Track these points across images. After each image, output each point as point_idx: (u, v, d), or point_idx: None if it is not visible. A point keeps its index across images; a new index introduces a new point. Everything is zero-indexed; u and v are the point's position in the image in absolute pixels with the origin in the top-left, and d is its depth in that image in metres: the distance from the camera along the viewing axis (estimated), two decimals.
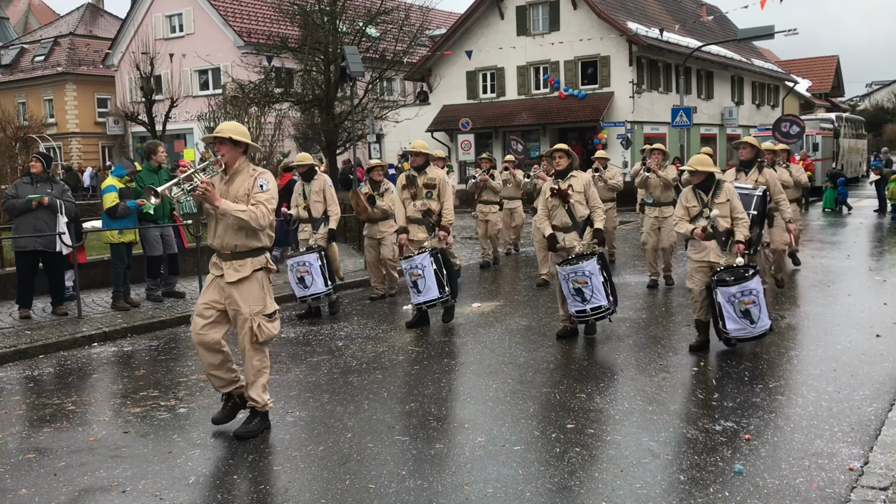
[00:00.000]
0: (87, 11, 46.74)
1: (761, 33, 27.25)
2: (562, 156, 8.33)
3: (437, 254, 8.98)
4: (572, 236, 8.25)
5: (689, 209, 7.66)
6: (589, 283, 7.79)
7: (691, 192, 7.70)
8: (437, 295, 8.90)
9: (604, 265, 7.98)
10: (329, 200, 10.02)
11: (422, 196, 9.18)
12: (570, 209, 8.24)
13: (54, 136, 39.70)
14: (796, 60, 56.13)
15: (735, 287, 7.16)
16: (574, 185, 8.26)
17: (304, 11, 24.13)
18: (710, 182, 7.64)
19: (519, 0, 33.57)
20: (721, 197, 7.55)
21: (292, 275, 9.76)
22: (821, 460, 4.94)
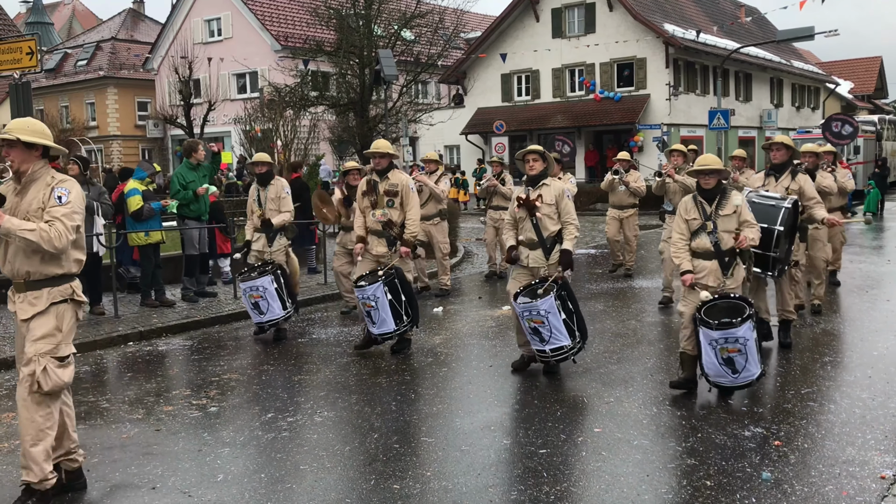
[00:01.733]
0: (129, 16, 47.59)
1: (801, 34, 26.80)
2: (536, 158, 7.10)
3: (393, 279, 7.81)
4: (538, 255, 7.08)
5: (689, 223, 6.52)
6: (546, 322, 6.72)
7: (692, 201, 6.55)
8: (393, 327, 7.80)
9: (568, 296, 6.92)
10: (284, 206, 8.95)
11: (383, 204, 7.99)
12: (538, 223, 7.05)
13: (95, 139, 40.45)
14: (838, 62, 55.15)
15: (718, 333, 6.02)
16: (544, 195, 7.03)
17: (340, 15, 24.30)
18: (717, 189, 6.50)
19: (554, 2, 33.47)
20: (727, 208, 6.42)
21: (246, 300, 8.81)
22: (852, 468, 4.86)
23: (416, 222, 8.06)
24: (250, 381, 7.25)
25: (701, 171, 6.52)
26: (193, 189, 10.46)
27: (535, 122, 33.32)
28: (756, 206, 7.02)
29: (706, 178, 6.49)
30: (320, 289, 11.85)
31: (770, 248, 6.97)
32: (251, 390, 6.96)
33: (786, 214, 7.06)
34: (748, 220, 6.45)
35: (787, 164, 7.90)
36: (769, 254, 6.99)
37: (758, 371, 6.14)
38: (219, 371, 7.63)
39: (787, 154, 7.93)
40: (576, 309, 6.99)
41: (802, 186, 7.75)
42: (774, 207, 7.11)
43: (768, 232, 6.91)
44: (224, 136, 35.13)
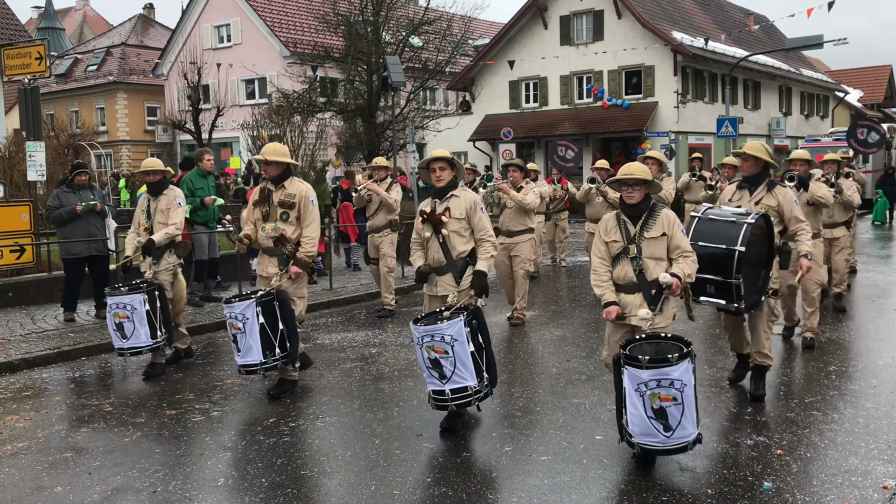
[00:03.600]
0: (139, 22, 47.86)
1: (810, 43, 26.80)
2: (443, 167, 6.05)
3: (271, 301, 6.59)
4: (446, 280, 6.02)
5: (609, 246, 5.43)
6: (450, 353, 5.48)
7: (614, 220, 5.44)
8: (260, 359, 6.51)
9: (480, 328, 5.74)
10: (172, 217, 7.79)
11: (275, 217, 6.87)
12: (445, 242, 6.01)
13: (105, 143, 40.63)
14: (847, 70, 55.01)
15: (649, 373, 4.68)
16: (452, 208, 6.00)
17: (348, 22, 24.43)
18: (643, 206, 5.36)
19: (562, 10, 33.50)
20: (654, 229, 5.29)
21: (109, 318, 7.51)
22: (854, 478, 4.84)
23: (314, 240, 6.91)
24: (253, 386, 7.26)
25: (623, 182, 5.33)
26: (202, 196, 10.54)
27: (543, 129, 33.33)
28: (711, 225, 5.97)
29: (629, 190, 5.31)
30: (325, 294, 11.87)
31: (731, 274, 5.75)
32: (254, 395, 6.98)
33: (749, 232, 5.80)
34: (681, 247, 5.29)
35: (762, 175, 6.54)
36: (730, 281, 5.78)
37: (694, 432, 4.79)
38: (222, 376, 7.64)
39: (756, 165, 6.52)
40: (486, 345, 5.80)
41: (781, 203, 6.40)
42: (734, 224, 5.88)
43: (727, 255, 5.76)
44: (232, 142, 35.28)
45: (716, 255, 5.80)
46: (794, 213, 6.43)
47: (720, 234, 5.87)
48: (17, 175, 14.70)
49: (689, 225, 6.08)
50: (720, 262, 5.76)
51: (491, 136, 33.94)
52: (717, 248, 5.79)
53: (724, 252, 5.77)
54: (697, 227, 6.02)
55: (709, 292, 5.96)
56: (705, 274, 5.76)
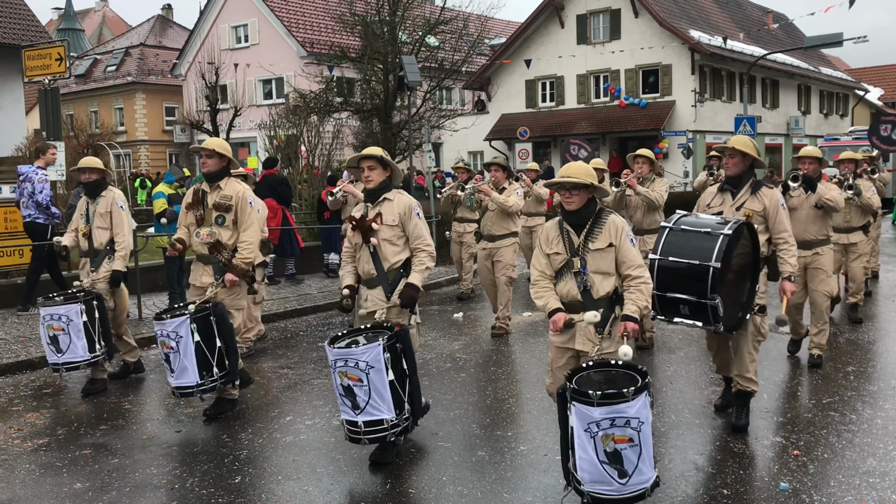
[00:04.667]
0: (157, 23, 48.21)
1: (829, 41, 26.57)
2: (372, 166, 5.42)
3: (208, 317, 6.01)
4: (376, 294, 5.44)
5: (550, 259, 4.73)
6: (364, 381, 4.88)
7: (556, 228, 4.75)
8: (196, 380, 5.94)
9: (404, 353, 5.06)
10: (116, 225, 7.16)
11: (210, 221, 6.27)
12: (376, 251, 5.41)
13: (123, 143, 40.95)
14: (867, 68, 54.51)
15: (601, 411, 3.94)
16: (384, 213, 5.39)
17: (365, 22, 24.48)
18: (587, 213, 4.65)
19: (579, 9, 33.43)
20: (600, 239, 4.60)
21: (43, 331, 6.84)
22: (872, 479, 4.81)
23: (253, 245, 6.31)
24: (270, 385, 7.30)
25: (561, 185, 4.61)
26: None
27: (560, 129, 33.29)
28: (683, 237, 5.28)
29: (567, 195, 4.59)
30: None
31: (706, 294, 5.04)
32: (271, 393, 7.02)
33: (726, 246, 5.09)
34: (629, 261, 4.57)
35: (746, 175, 5.77)
36: (705, 301, 5.06)
37: (652, 476, 4.10)
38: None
39: (743, 163, 5.76)
40: (412, 371, 5.13)
41: (767, 207, 5.64)
42: (709, 236, 5.15)
43: (700, 271, 5.07)
44: (250, 142, 35.45)
45: (688, 272, 5.11)
46: (779, 218, 5.65)
47: (693, 247, 5.16)
48: None
49: (660, 236, 5.37)
50: (693, 280, 5.06)
51: (507, 136, 33.93)
52: (690, 264, 5.09)
53: (697, 268, 5.07)
54: (668, 240, 5.30)
55: (682, 313, 5.23)
56: (677, 293, 5.15)
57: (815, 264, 7.25)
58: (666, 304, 5.23)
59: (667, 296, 5.17)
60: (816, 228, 7.25)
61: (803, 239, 7.02)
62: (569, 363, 4.72)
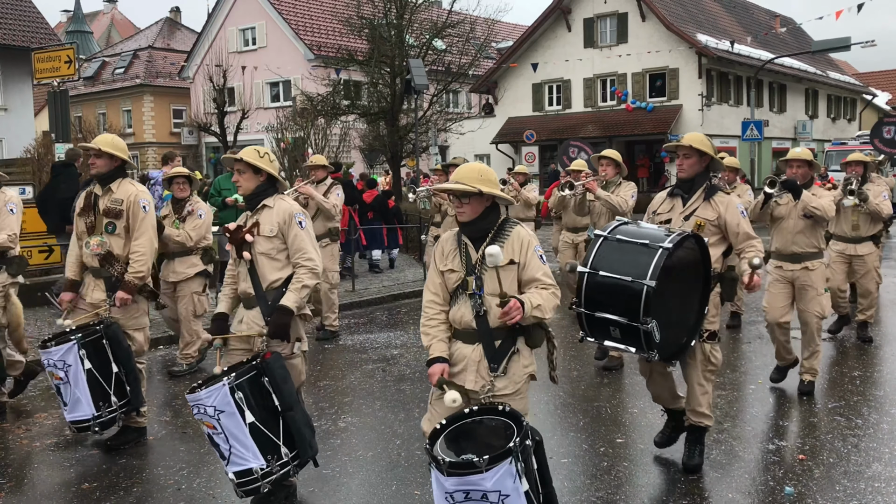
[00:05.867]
0: (166, 25, 48.37)
1: (837, 45, 26.52)
2: (242, 169, 4.72)
3: (99, 339, 5.35)
4: (254, 317, 4.69)
5: (445, 277, 3.99)
6: (218, 428, 4.23)
7: (452, 241, 4.01)
8: (92, 413, 5.30)
9: (273, 385, 4.35)
10: (3, 228, 6.36)
11: (100, 230, 5.58)
12: (254, 268, 4.69)
13: (131, 145, 41.08)
14: (876, 72, 54.38)
15: (453, 482, 3.34)
16: (262, 222, 4.70)
17: (372, 25, 24.54)
18: (485, 223, 3.90)
19: (586, 12, 33.44)
20: (502, 254, 3.73)
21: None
22: (877, 483, 4.81)
23: (146, 257, 5.56)
24: None
25: (452, 191, 3.88)
26: (226, 196, 10.68)
27: (566, 132, 33.28)
28: (618, 249, 4.54)
29: (458, 204, 3.89)
30: (348, 296, 11.94)
31: (638, 316, 4.34)
32: None
33: (664, 261, 4.34)
34: (538, 279, 3.85)
35: (701, 178, 5.10)
36: (636, 325, 4.35)
37: None
38: None
39: (700, 163, 5.07)
40: (287, 407, 4.36)
41: (722, 215, 4.99)
42: (646, 249, 4.43)
43: (633, 290, 4.33)
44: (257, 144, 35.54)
45: (620, 290, 4.40)
46: (741, 227, 4.97)
47: (628, 261, 4.45)
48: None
49: (591, 246, 4.67)
50: (625, 299, 4.37)
51: (514, 139, 33.95)
52: (621, 281, 4.38)
53: (629, 286, 4.35)
54: (600, 251, 4.57)
55: (613, 336, 4.53)
56: (607, 313, 4.45)
57: (804, 281, 6.48)
58: (595, 324, 4.55)
59: (595, 315, 4.49)
60: (805, 241, 6.46)
61: (791, 252, 6.49)
62: (450, 406, 3.81)
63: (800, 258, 6.49)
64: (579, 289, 4.53)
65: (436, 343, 3.98)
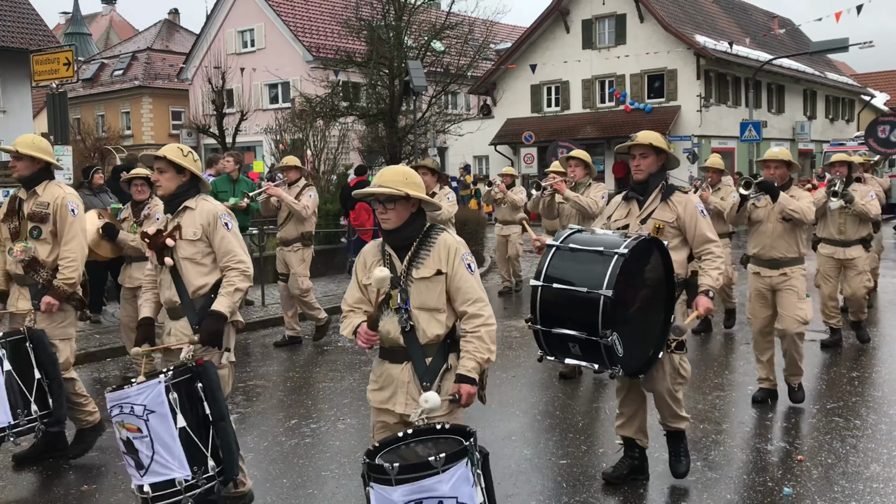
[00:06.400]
0: (164, 27, 48.40)
1: (835, 46, 26.57)
2: (162, 168, 4.44)
3: (21, 343, 5.01)
4: (181, 327, 4.38)
5: (367, 290, 3.69)
6: (144, 430, 3.81)
7: (376, 250, 3.74)
8: (9, 420, 4.85)
9: (207, 391, 3.99)
10: None
11: (25, 234, 5.26)
12: (177, 272, 4.38)
13: (130, 147, 41.04)
14: (873, 73, 54.43)
15: (403, 491, 3.00)
16: (184, 225, 4.39)
17: (371, 27, 24.57)
18: (411, 231, 3.61)
19: (585, 13, 33.49)
20: (427, 265, 3.57)
21: None
22: (875, 484, 4.82)
23: (78, 262, 5.26)
24: (275, 388, 7.34)
25: (376, 195, 3.55)
26: (223, 200, 10.71)
27: (565, 133, 33.30)
28: (571, 257, 4.27)
29: (381, 209, 3.56)
30: None
31: (596, 330, 4.05)
32: (276, 397, 7.06)
33: (619, 268, 4.06)
34: (464, 290, 3.55)
35: (656, 178, 4.77)
36: (595, 339, 4.08)
37: None
38: (245, 377, 7.73)
39: (656, 162, 4.75)
40: (218, 418, 4.01)
41: (681, 216, 4.67)
42: (601, 257, 4.14)
43: (589, 301, 4.07)
44: (256, 146, 35.55)
45: (576, 302, 4.11)
46: (699, 228, 4.66)
47: (582, 270, 4.16)
48: None
49: (544, 257, 4.35)
50: (582, 312, 4.08)
51: (512, 140, 33.97)
52: (577, 293, 4.10)
53: (585, 298, 4.07)
54: (553, 262, 4.28)
55: (573, 353, 4.25)
56: (564, 328, 4.16)
57: (784, 286, 6.16)
58: (553, 341, 4.26)
59: (553, 332, 4.18)
60: (785, 245, 6.14)
61: (770, 257, 6.19)
62: (385, 428, 3.60)
63: (779, 264, 6.17)
64: (533, 304, 4.23)
65: (355, 318, 3.66)
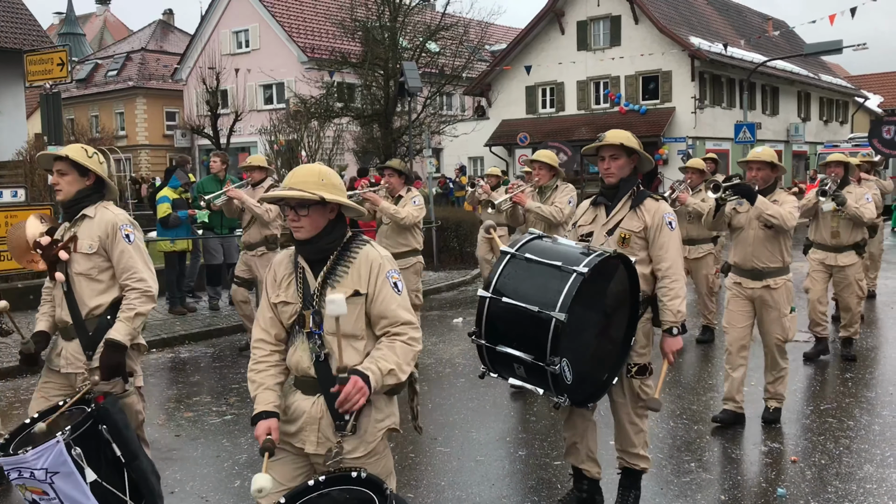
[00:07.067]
0: (158, 27, 48.32)
1: (829, 48, 26.62)
2: (63, 171, 3.95)
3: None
4: (73, 350, 3.92)
5: (277, 310, 3.17)
6: (51, 492, 3.36)
7: (288, 263, 3.18)
8: None
9: (112, 433, 3.54)
10: None
11: None
12: (71, 291, 3.90)
13: (124, 148, 41.00)
14: (867, 75, 54.61)
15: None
16: (81, 236, 3.91)
17: (366, 27, 24.56)
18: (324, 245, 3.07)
19: (579, 15, 33.53)
20: (344, 283, 3.04)
21: None
22: (868, 485, 4.83)
23: None
24: None
25: (286, 199, 3.03)
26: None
27: (560, 135, 33.30)
28: (526, 269, 3.81)
29: (294, 216, 3.02)
30: None
31: (544, 355, 3.61)
32: None
33: (577, 288, 3.61)
34: (389, 316, 3.03)
35: (626, 183, 4.27)
36: (541, 364, 3.63)
37: None
38: (239, 379, 7.71)
39: (628, 165, 4.27)
40: (131, 455, 3.59)
41: (649, 226, 4.19)
42: (559, 273, 3.68)
43: (539, 322, 3.61)
44: (250, 147, 35.51)
45: (525, 321, 3.66)
46: (661, 242, 4.15)
47: (536, 286, 3.71)
48: (38, 179, 14.89)
49: (496, 266, 3.87)
50: (531, 333, 3.63)
51: (507, 142, 33.99)
52: (527, 310, 3.65)
53: (535, 318, 3.62)
54: (506, 272, 3.81)
55: (518, 373, 3.80)
56: (510, 347, 3.73)
57: (765, 299, 5.75)
58: (498, 359, 3.82)
59: (497, 350, 3.76)
60: (767, 254, 5.70)
61: (751, 267, 5.75)
62: (296, 474, 3.13)
63: (761, 274, 5.72)
64: (479, 316, 3.78)
65: (261, 392, 3.14)
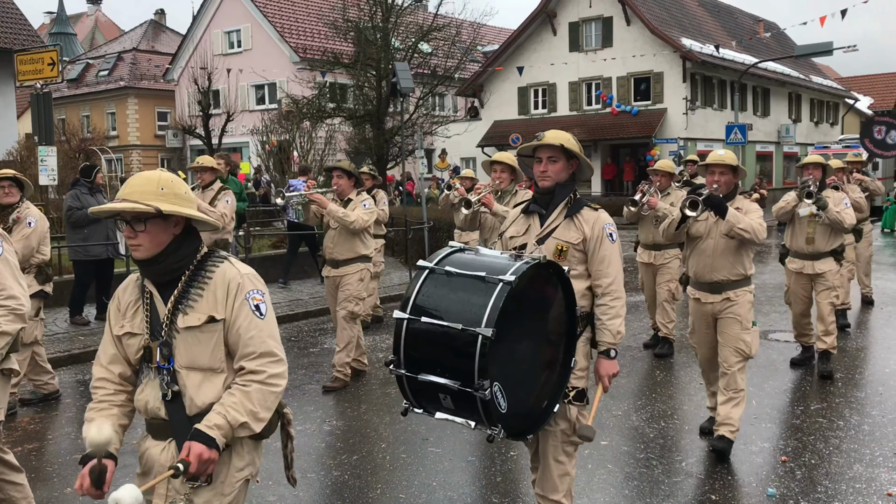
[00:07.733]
0: (150, 27, 48.16)
1: (820, 50, 26.79)
2: None
3: None
4: None
5: (121, 342, 2.88)
6: None
7: (134, 288, 2.89)
8: None
9: None
10: None
11: None
12: None
13: (115, 148, 40.88)
14: (858, 77, 54.91)
15: None
16: None
17: (358, 28, 24.57)
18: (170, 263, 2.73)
19: (571, 16, 33.59)
20: (198, 308, 2.71)
21: None
22: (858, 484, 4.86)
23: None
24: None
25: (119, 213, 2.69)
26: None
27: None
28: (447, 284, 3.30)
29: (130, 232, 2.65)
30: None
31: (472, 380, 3.09)
32: None
33: (503, 300, 3.10)
34: (251, 347, 2.68)
35: (563, 190, 3.83)
36: (469, 391, 3.10)
37: None
38: None
39: (567, 168, 3.83)
40: None
41: (588, 237, 3.75)
42: (483, 285, 3.20)
43: (463, 342, 3.11)
44: (242, 147, 35.45)
45: (447, 342, 3.19)
46: (601, 256, 3.73)
47: (459, 302, 3.25)
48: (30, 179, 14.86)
49: (413, 282, 3.34)
50: (455, 355, 3.17)
51: (499, 142, 33.94)
52: (450, 330, 3.16)
53: (458, 336, 3.14)
54: (424, 289, 3.32)
55: (444, 405, 3.27)
56: (433, 374, 3.21)
57: (725, 313, 5.38)
58: (422, 391, 3.29)
59: (419, 379, 3.23)
60: (728, 266, 5.34)
61: (711, 280, 5.38)
62: None
63: (721, 287, 5.36)
64: (397, 342, 3.27)
65: (93, 428, 2.64)
